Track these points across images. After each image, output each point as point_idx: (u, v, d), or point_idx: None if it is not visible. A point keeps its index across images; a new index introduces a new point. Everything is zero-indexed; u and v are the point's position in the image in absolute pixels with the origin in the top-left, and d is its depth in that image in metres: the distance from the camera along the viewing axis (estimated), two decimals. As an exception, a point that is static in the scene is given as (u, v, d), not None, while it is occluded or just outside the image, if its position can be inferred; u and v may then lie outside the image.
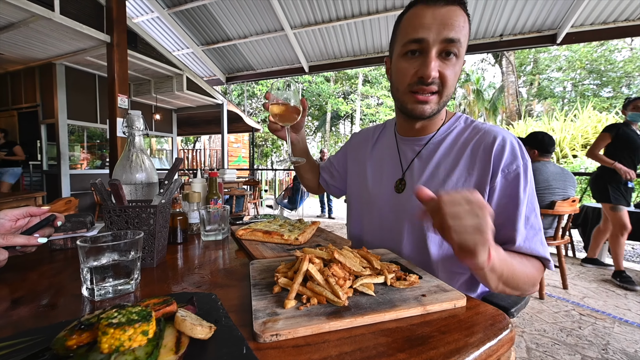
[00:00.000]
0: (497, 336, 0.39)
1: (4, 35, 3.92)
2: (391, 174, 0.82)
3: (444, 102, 0.69)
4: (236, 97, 18.45)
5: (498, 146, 0.67)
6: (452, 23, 0.62)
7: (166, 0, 5.26)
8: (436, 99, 0.68)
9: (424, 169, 0.75)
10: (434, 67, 0.63)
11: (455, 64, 0.65)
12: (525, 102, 17.36)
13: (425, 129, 0.78)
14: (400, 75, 0.69)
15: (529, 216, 0.66)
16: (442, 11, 0.62)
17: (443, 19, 0.62)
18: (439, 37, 0.62)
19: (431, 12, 0.63)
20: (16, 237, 0.55)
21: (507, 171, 0.67)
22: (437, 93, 0.67)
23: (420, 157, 0.77)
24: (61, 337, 0.29)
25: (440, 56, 0.64)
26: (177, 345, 0.30)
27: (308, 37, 5.47)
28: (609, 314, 2.11)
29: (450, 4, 0.63)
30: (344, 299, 0.43)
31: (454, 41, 0.63)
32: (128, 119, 0.74)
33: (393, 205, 0.80)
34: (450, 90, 0.68)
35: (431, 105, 0.68)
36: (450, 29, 0.62)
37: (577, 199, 2.37)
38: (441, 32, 0.62)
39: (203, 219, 0.87)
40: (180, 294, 0.47)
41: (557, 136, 9.18)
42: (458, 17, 0.63)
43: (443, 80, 0.65)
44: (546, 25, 4.38)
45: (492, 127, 0.72)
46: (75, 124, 5.42)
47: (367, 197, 0.87)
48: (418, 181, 0.75)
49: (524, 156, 0.68)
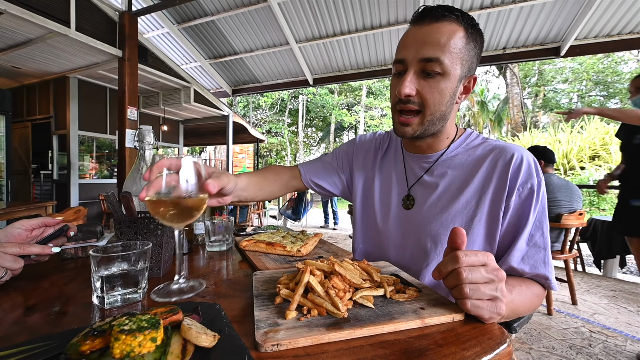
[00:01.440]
0: (494, 350, 0.40)
1: (22, 51, 4.10)
2: (398, 190, 0.82)
3: (431, 122, 0.68)
4: (242, 109, 18.77)
5: (515, 163, 0.67)
6: (430, 41, 0.61)
7: (176, 16, 5.46)
8: (418, 120, 0.68)
9: (436, 186, 0.74)
10: (406, 85, 0.63)
11: (440, 81, 0.64)
12: (530, 114, 17.32)
13: (432, 147, 0.77)
14: (390, 94, 0.72)
15: (534, 234, 0.66)
16: (423, 30, 0.63)
17: (422, 37, 0.62)
18: (416, 56, 0.63)
19: (413, 32, 0.64)
20: (32, 247, 0.57)
21: (522, 189, 0.67)
22: (419, 114, 0.67)
23: (431, 173, 0.76)
24: (75, 343, 0.31)
25: (422, 75, 0.64)
26: (182, 353, 0.32)
27: (313, 50, 5.60)
28: (620, 332, 2.05)
29: (433, 22, 0.62)
30: (344, 311, 0.44)
31: (432, 60, 0.62)
32: (139, 134, 0.78)
33: (400, 221, 0.79)
34: (434, 109, 0.66)
35: (413, 127, 0.68)
36: (427, 47, 0.61)
37: (584, 212, 2.35)
38: (418, 51, 0.62)
39: (208, 230, 0.89)
40: (186, 304, 0.48)
41: (563, 148, 9.12)
42: (440, 33, 0.61)
43: (422, 99, 0.65)
44: (549, 37, 4.42)
45: (508, 144, 0.72)
46: (86, 135, 5.57)
47: (372, 212, 0.85)
48: (429, 198, 0.74)
49: (538, 174, 0.67)
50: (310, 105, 18.65)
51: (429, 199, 0.74)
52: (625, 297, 2.60)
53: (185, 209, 0.52)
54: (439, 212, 0.72)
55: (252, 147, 14.64)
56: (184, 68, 6.42)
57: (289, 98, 18.84)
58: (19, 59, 4.43)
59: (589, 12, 3.80)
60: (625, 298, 2.59)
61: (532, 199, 0.66)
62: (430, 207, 0.74)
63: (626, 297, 2.60)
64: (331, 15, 4.83)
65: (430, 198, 0.74)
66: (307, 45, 5.44)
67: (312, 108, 18.79)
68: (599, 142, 8.76)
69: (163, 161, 0.50)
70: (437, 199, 0.73)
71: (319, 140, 20.56)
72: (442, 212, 0.72)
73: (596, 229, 3.27)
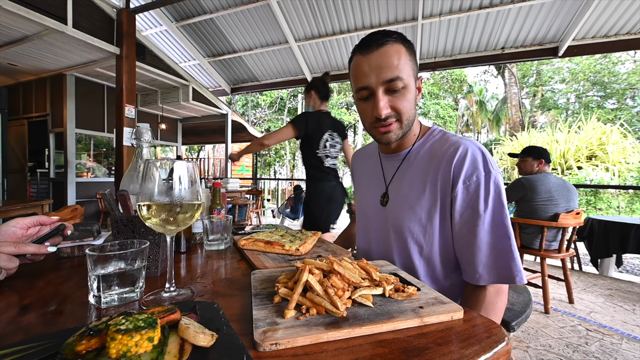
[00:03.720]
0: (493, 349, 0.40)
1: (19, 48, 4.06)
2: (377, 189, 0.89)
3: (407, 125, 0.76)
4: (240, 107, 18.71)
5: (459, 157, 0.71)
6: (385, 65, 0.69)
7: (174, 14, 5.43)
8: (397, 125, 0.75)
9: (402, 183, 0.81)
10: (382, 106, 0.71)
11: (405, 93, 0.72)
12: (528, 114, 17.39)
13: (400, 146, 0.84)
14: (362, 116, 0.79)
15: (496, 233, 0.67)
16: (374, 57, 0.70)
17: (377, 63, 0.70)
18: (379, 80, 0.70)
19: (367, 60, 0.71)
20: (28, 246, 0.57)
21: (469, 182, 0.69)
22: (397, 121, 0.74)
23: (401, 170, 0.83)
24: (70, 343, 0.30)
25: (388, 93, 0.72)
26: (180, 352, 0.32)
27: (312, 49, 5.58)
28: (616, 330, 2.06)
29: (379, 47, 0.70)
30: (343, 310, 0.44)
31: (393, 79, 0.69)
32: (137, 132, 0.77)
33: (380, 218, 0.86)
34: (408, 114, 0.74)
35: (395, 132, 0.75)
36: (386, 70, 0.69)
37: (581, 211, 2.36)
38: (379, 76, 0.70)
39: (206, 228, 0.88)
40: (184, 303, 0.48)
41: (561, 148, 9.15)
42: (390, 56, 0.69)
43: (397, 111, 0.73)
44: (548, 38, 4.44)
45: (460, 138, 0.75)
46: (83, 133, 5.54)
47: (362, 212, 0.95)
48: (399, 194, 0.81)
49: (487, 167, 0.69)
50: (309, 104, 18.60)
51: (398, 195, 0.81)
52: (621, 296, 2.62)
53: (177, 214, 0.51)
54: (405, 206, 0.78)
55: (251, 146, 14.57)
56: (183, 66, 6.39)
57: (288, 97, 18.80)
58: (15, 56, 4.38)
59: (587, 13, 3.82)
60: (621, 297, 2.61)
61: (479, 192, 0.68)
62: (398, 202, 0.80)
63: (622, 295, 2.62)
64: (330, 14, 4.82)
65: (399, 193, 0.81)
66: (306, 44, 5.43)
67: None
68: (596, 142, 8.80)
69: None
70: (404, 194, 0.79)
71: (317, 139, 20.52)
72: (408, 206, 0.77)
73: (593, 228, 3.29)
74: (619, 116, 13.45)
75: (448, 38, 4.81)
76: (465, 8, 4.30)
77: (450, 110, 18.66)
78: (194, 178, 0.53)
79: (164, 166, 0.51)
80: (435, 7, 4.41)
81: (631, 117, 14.06)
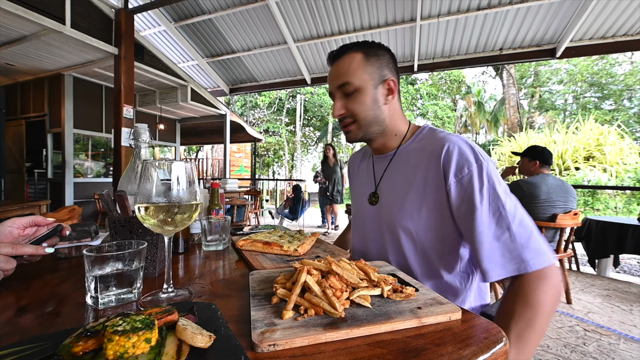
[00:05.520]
0: (491, 349, 0.40)
1: (16, 48, 4.04)
2: (367, 189, 0.91)
3: (367, 125, 0.81)
4: (239, 108, 18.69)
5: (447, 151, 0.72)
6: (340, 73, 0.79)
7: (173, 14, 5.42)
8: (355, 126, 0.82)
9: (392, 181, 0.83)
10: (336, 107, 0.81)
11: (358, 96, 0.78)
12: (526, 114, 17.45)
13: (386, 146, 0.87)
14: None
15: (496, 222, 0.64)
16: (333, 67, 0.81)
17: (334, 72, 0.81)
18: (334, 86, 0.80)
19: (330, 70, 0.83)
20: (25, 247, 0.56)
21: (460, 175, 0.69)
22: (354, 122, 0.81)
23: (388, 170, 0.85)
24: (67, 344, 0.30)
25: (345, 97, 0.80)
26: (177, 353, 0.31)
27: (310, 50, 5.59)
28: (614, 330, 2.07)
29: (337, 59, 0.80)
30: (341, 311, 0.44)
31: (344, 84, 0.78)
32: (135, 132, 0.77)
33: (371, 217, 0.88)
34: (364, 115, 0.80)
35: (353, 132, 0.83)
36: (339, 78, 0.79)
37: (579, 212, 2.37)
38: (334, 82, 0.80)
39: (204, 229, 0.88)
40: (182, 304, 0.48)
41: (558, 148, 9.19)
42: (343, 64, 0.79)
43: (352, 112, 0.80)
44: (545, 39, 4.46)
45: (448, 134, 0.76)
46: (81, 133, 5.52)
47: (356, 213, 0.98)
48: (388, 193, 0.83)
49: (477, 158, 0.69)
50: (308, 104, 18.61)
51: (388, 194, 0.83)
52: (618, 296, 2.63)
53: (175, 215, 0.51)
54: (396, 204, 0.79)
55: (250, 147, 14.58)
56: (181, 66, 6.38)
57: (286, 97, 18.79)
58: (13, 56, 4.36)
59: (584, 14, 3.84)
60: (618, 297, 2.62)
61: (473, 183, 0.67)
62: (389, 201, 0.82)
63: (620, 296, 2.63)
64: (329, 15, 4.83)
65: (389, 192, 0.83)
66: (305, 44, 5.43)
67: (309, 107, 18.76)
68: (594, 142, 8.84)
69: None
70: (394, 192, 0.81)
71: (316, 139, 20.54)
72: (399, 204, 0.78)
73: (590, 229, 3.30)
74: (616, 117, 13.52)
75: (446, 39, 4.83)
76: (463, 9, 4.32)
77: (449, 111, 18.72)
78: (192, 178, 0.53)
79: (162, 167, 0.50)
80: (433, 8, 4.42)
81: (628, 118, 14.14)
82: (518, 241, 0.62)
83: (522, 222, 0.64)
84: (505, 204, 0.65)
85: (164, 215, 0.50)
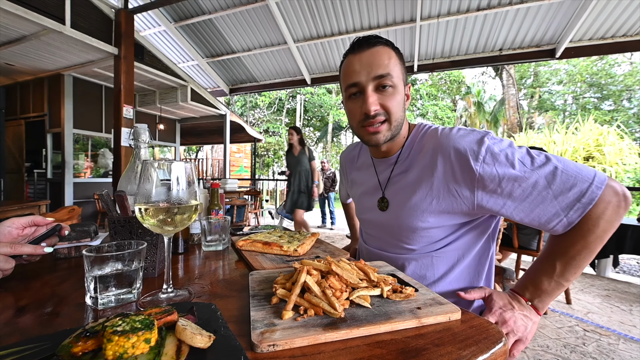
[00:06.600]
0: (490, 349, 0.40)
1: (16, 48, 4.04)
2: (373, 194, 0.87)
3: (396, 127, 0.75)
4: (239, 108, 18.69)
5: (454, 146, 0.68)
6: (376, 62, 0.71)
7: (173, 14, 5.42)
8: (386, 126, 0.74)
9: (400, 184, 0.79)
10: (372, 101, 0.71)
11: (394, 93, 0.72)
12: (526, 115, 17.46)
13: (392, 149, 0.82)
14: (350, 115, 0.78)
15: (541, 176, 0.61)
16: (365, 55, 0.72)
17: (368, 60, 0.72)
18: (370, 76, 0.71)
19: (358, 58, 0.73)
20: (24, 247, 0.56)
21: (482, 158, 0.65)
22: (385, 122, 0.74)
23: (395, 173, 0.82)
24: (67, 344, 0.30)
25: (378, 91, 0.72)
26: (177, 354, 0.31)
27: (310, 50, 5.59)
28: (613, 330, 2.07)
29: (371, 47, 0.72)
30: (340, 311, 0.44)
31: (384, 76, 0.71)
32: (135, 132, 0.77)
33: (379, 222, 0.85)
34: (397, 116, 0.73)
35: (383, 133, 0.74)
36: (376, 67, 0.71)
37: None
38: (370, 72, 0.71)
39: (204, 229, 0.88)
40: (181, 304, 0.48)
41: (558, 149, 9.19)
42: (381, 55, 0.71)
43: (386, 109, 0.72)
44: (545, 39, 4.46)
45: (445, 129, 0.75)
46: (81, 133, 5.51)
47: (362, 218, 0.95)
48: (399, 197, 0.79)
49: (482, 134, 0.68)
50: (307, 104, 18.61)
51: (398, 197, 0.79)
52: (618, 296, 2.63)
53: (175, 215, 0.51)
54: (407, 207, 0.76)
55: (250, 147, 14.58)
56: (181, 67, 6.38)
57: (286, 97, 18.79)
58: (13, 56, 4.36)
59: (584, 15, 3.84)
60: (618, 297, 2.62)
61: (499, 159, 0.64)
62: (399, 205, 0.78)
63: (619, 296, 2.63)
64: (329, 15, 4.83)
65: (399, 195, 0.79)
66: (305, 44, 5.43)
67: (309, 108, 18.76)
68: (593, 143, 8.84)
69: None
70: (404, 195, 0.77)
71: (316, 139, 20.55)
72: (410, 206, 0.75)
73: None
74: (616, 117, 13.53)
75: (446, 39, 4.83)
76: (463, 10, 4.32)
77: (449, 111, 18.73)
78: (192, 179, 0.53)
79: (161, 167, 0.50)
80: (433, 9, 4.42)
81: (628, 119, 14.15)
82: (569, 178, 0.60)
83: (558, 162, 0.62)
84: (537, 157, 0.64)
85: (164, 216, 0.50)
